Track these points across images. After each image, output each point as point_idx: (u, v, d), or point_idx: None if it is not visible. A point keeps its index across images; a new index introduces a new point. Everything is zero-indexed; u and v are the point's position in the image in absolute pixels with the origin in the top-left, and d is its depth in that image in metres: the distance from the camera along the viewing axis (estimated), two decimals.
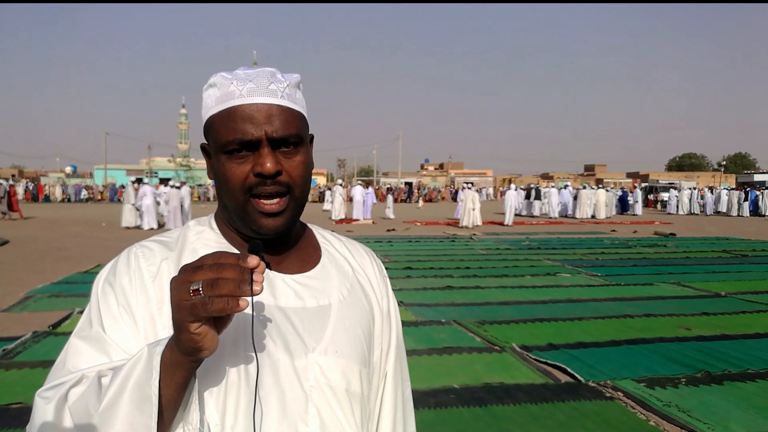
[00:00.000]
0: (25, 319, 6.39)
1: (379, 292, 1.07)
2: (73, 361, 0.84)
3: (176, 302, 0.70)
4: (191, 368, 0.75)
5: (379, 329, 1.05)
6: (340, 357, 0.93)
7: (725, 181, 62.22)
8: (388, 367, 1.07)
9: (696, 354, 5.19)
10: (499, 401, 4.07)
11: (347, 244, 1.10)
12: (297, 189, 0.90)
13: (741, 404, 4.06)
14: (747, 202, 30.91)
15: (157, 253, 0.93)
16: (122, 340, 0.85)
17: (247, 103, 0.87)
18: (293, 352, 0.89)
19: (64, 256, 11.51)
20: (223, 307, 0.67)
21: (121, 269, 0.91)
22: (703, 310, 6.95)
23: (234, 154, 0.87)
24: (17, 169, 77.58)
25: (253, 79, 0.88)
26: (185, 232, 0.98)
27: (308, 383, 0.89)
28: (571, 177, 77.17)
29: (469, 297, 7.65)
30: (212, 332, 0.71)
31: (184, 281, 0.70)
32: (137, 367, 0.74)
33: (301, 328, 0.91)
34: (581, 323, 6.29)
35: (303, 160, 0.91)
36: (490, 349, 5.31)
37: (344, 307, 0.98)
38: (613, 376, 4.59)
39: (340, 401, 0.92)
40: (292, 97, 0.91)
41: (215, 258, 0.70)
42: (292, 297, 0.93)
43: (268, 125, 0.86)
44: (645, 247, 14.23)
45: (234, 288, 0.68)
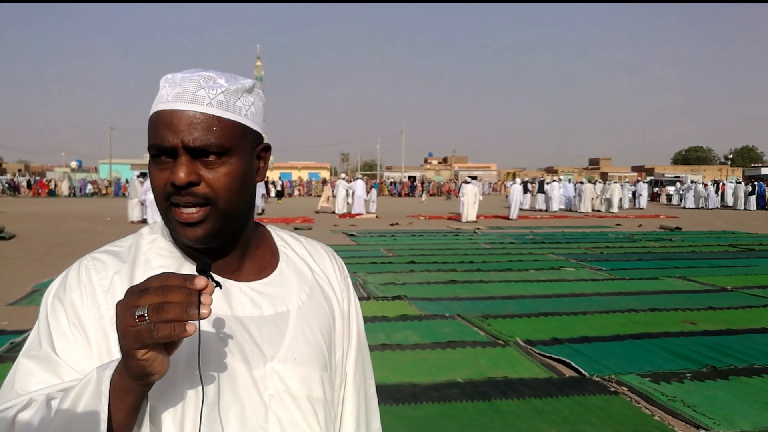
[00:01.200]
0: (32, 312, 6.43)
1: (339, 293, 1.06)
2: (22, 383, 0.81)
3: (122, 329, 0.68)
4: (142, 392, 0.73)
5: (339, 331, 1.04)
6: (299, 364, 0.92)
7: (732, 174, 61.89)
8: (348, 367, 1.07)
9: (701, 349, 5.17)
10: (503, 396, 4.07)
11: (306, 245, 1.08)
12: (220, 201, 0.86)
13: (747, 399, 4.05)
14: (754, 195, 30.71)
15: (110, 266, 0.90)
16: (74, 359, 0.82)
17: (169, 109, 0.84)
18: (251, 362, 0.88)
19: (70, 251, 11.56)
20: (169, 333, 0.65)
21: (72, 284, 0.88)
22: (708, 305, 6.92)
23: (156, 159, 0.86)
24: (23, 164, 77.94)
25: (183, 84, 0.85)
26: (138, 241, 0.95)
27: (267, 392, 0.88)
28: (576, 171, 76.91)
29: (472, 291, 7.64)
30: (161, 356, 0.69)
31: (129, 306, 0.67)
32: (86, 392, 0.72)
33: (259, 337, 0.90)
34: (585, 317, 6.27)
35: (228, 171, 0.86)
36: (493, 344, 5.30)
37: (303, 312, 0.96)
38: (618, 370, 4.58)
39: (302, 408, 0.91)
40: (224, 105, 0.85)
41: (161, 280, 0.68)
42: (249, 306, 0.92)
43: (187, 133, 0.83)
44: (650, 241, 14.17)
45: (180, 312, 0.66)
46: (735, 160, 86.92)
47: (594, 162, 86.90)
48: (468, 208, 19.93)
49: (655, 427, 3.62)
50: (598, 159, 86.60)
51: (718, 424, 3.64)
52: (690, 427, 3.62)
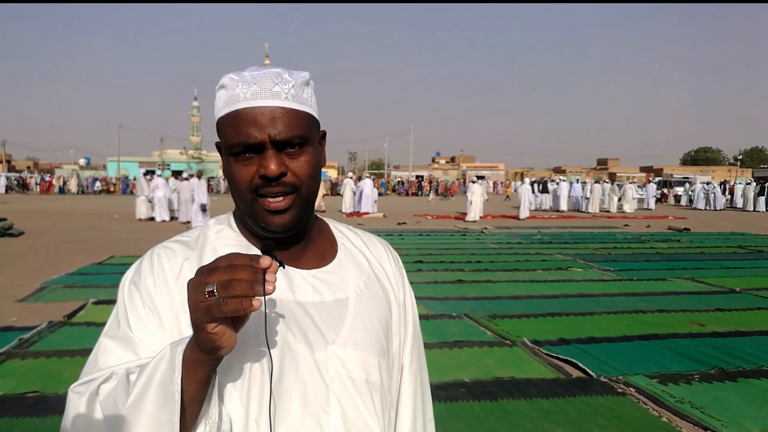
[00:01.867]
0: (41, 309, 6.48)
1: (395, 284, 1.09)
2: (104, 360, 0.88)
3: (192, 304, 0.73)
4: (212, 366, 0.78)
5: (396, 320, 1.07)
6: (359, 349, 0.95)
7: (741, 175, 61.43)
8: (405, 356, 1.10)
9: (710, 350, 5.14)
10: (510, 396, 4.06)
11: (363, 237, 1.12)
12: (303, 187, 0.92)
13: (755, 401, 4.03)
14: (763, 196, 30.46)
15: (179, 254, 0.96)
16: (149, 338, 0.88)
17: (250, 107, 0.88)
18: (313, 345, 0.92)
19: (79, 248, 11.63)
20: (236, 307, 0.70)
21: (145, 270, 0.94)
22: (717, 306, 6.88)
23: (240, 156, 0.90)
24: (32, 162, 78.46)
25: (258, 82, 0.89)
26: (205, 232, 1.01)
27: (329, 375, 0.92)
28: (584, 171, 76.59)
29: (480, 291, 7.63)
30: (229, 331, 0.73)
31: (200, 283, 0.72)
32: (160, 366, 0.77)
33: (320, 321, 0.94)
34: (593, 318, 6.25)
35: (309, 159, 0.92)
36: (501, 344, 5.29)
37: (361, 300, 1.00)
38: (625, 371, 4.57)
39: (361, 392, 0.94)
40: (297, 98, 0.91)
41: (229, 260, 0.73)
42: (310, 292, 0.96)
43: (272, 128, 0.88)
44: (658, 242, 14.10)
45: (247, 289, 0.70)
46: (744, 161, 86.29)
47: (602, 162, 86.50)
48: (475, 208, 20.03)
49: (663, 428, 3.60)
50: (606, 159, 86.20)
51: (726, 426, 3.62)
52: (698, 429, 3.60)
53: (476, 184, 20.52)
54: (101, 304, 6.60)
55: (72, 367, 4.50)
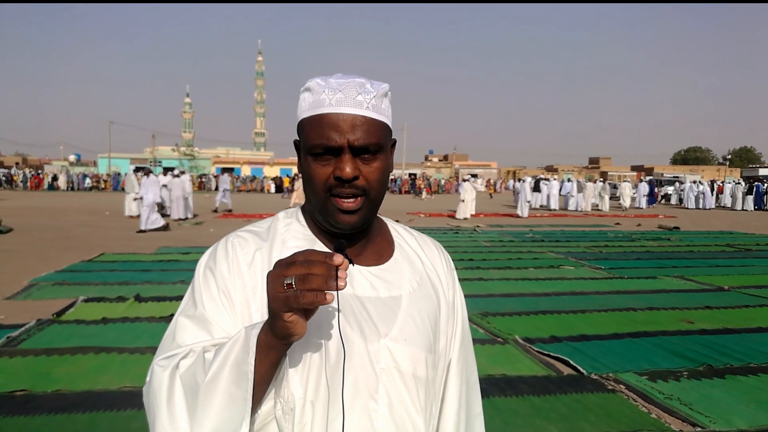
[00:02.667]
0: (29, 306, 6.42)
1: (446, 284, 1.16)
2: (181, 337, 0.96)
3: (272, 294, 0.79)
4: (283, 350, 0.86)
5: (444, 319, 1.13)
6: (408, 344, 1.01)
7: (730, 175, 61.93)
8: (452, 353, 1.15)
9: (698, 347, 5.18)
10: (502, 393, 4.08)
11: (418, 238, 1.19)
12: (372, 192, 0.99)
13: (743, 398, 4.07)
14: (752, 196, 30.70)
15: (251, 243, 1.03)
16: (222, 320, 0.96)
17: (334, 112, 0.95)
18: (367, 337, 0.98)
19: (69, 245, 11.55)
20: (312, 300, 0.76)
21: (220, 257, 1.01)
22: (706, 304, 6.94)
23: (319, 156, 0.96)
24: (21, 157, 77.74)
25: (343, 90, 0.96)
26: (275, 224, 1.08)
27: (379, 366, 0.98)
28: (576, 170, 76.91)
29: (472, 289, 7.64)
30: (302, 320, 0.80)
31: (279, 276, 0.79)
32: (236, 347, 0.85)
33: (375, 315, 1.00)
34: (584, 316, 6.29)
35: (380, 166, 0.99)
36: (493, 341, 5.31)
37: (413, 298, 1.06)
38: (616, 368, 4.60)
39: (407, 384, 1.00)
40: (377, 108, 0.98)
41: (306, 255, 0.79)
42: (368, 287, 1.03)
43: (351, 134, 0.94)
44: (649, 241, 14.19)
45: (322, 283, 0.76)
46: (733, 160, 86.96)
47: (594, 161, 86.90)
48: (466, 206, 20.14)
49: (652, 425, 3.63)
50: (598, 158, 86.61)
51: (714, 422, 3.66)
52: (686, 425, 3.63)
53: (467, 182, 20.71)
54: (91, 301, 6.56)
55: (61, 365, 4.47)
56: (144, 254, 10.39)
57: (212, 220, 18.11)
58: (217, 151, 74.88)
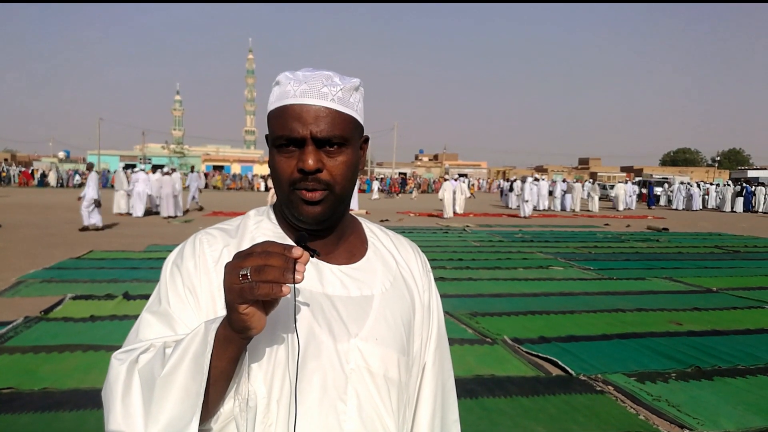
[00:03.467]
0: (17, 304, 6.36)
1: (421, 285, 1.13)
2: (144, 332, 0.95)
3: (227, 285, 0.78)
4: (242, 345, 0.84)
5: (419, 321, 1.10)
6: (380, 344, 0.99)
7: (719, 176, 62.45)
8: (427, 357, 1.13)
9: (687, 349, 5.22)
10: (491, 393, 4.08)
11: (393, 238, 1.17)
12: (337, 186, 0.96)
13: (731, 400, 4.10)
14: (741, 197, 30.97)
15: (220, 240, 1.02)
16: (186, 317, 0.95)
17: (297, 103, 0.94)
18: (336, 336, 0.96)
19: (57, 242, 11.44)
20: (267, 291, 0.74)
21: (188, 254, 1.00)
22: (694, 306, 6.99)
23: (282, 148, 0.95)
24: (10, 153, 76.96)
25: (308, 81, 0.95)
26: (245, 221, 1.06)
27: (349, 366, 0.96)
28: (566, 170, 77.25)
29: (461, 289, 7.66)
30: (259, 313, 0.78)
31: (235, 266, 0.77)
32: (195, 341, 0.83)
33: (345, 314, 0.98)
34: (573, 316, 6.31)
35: (346, 160, 0.97)
36: (481, 341, 5.32)
37: (386, 298, 1.04)
38: (604, 370, 4.62)
39: (378, 386, 0.98)
40: (343, 101, 0.96)
41: (264, 246, 0.78)
42: (338, 286, 1.01)
43: (314, 126, 0.93)
44: (638, 242, 14.28)
45: (278, 275, 0.75)
46: (722, 162, 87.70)
47: (584, 162, 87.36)
48: (448, 206, 20.49)
49: (641, 426, 3.65)
50: (587, 159, 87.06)
51: (702, 424, 3.68)
52: (674, 427, 3.66)
53: (448, 182, 21.04)
54: (79, 299, 6.50)
55: (48, 363, 4.43)
56: (133, 252, 10.32)
57: (201, 218, 18.02)
58: (207, 149, 74.48)
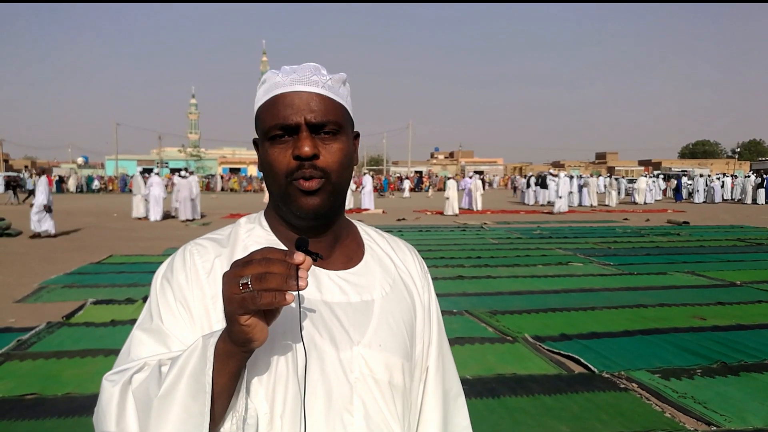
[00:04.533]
0: (39, 309, 6.45)
1: (420, 287, 1.11)
2: (136, 351, 0.90)
3: (227, 295, 0.74)
4: (243, 358, 0.79)
5: (420, 324, 1.08)
6: (383, 350, 0.96)
7: (739, 168, 61.43)
8: (430, 360, 1.10)
9: (711, 344, 5.12)
10: (512, 392, 4.04)
11: (390, 240, 1.14)
12: (333, 174, 0.94)
13: (758, 395, 4.01)
14: (762, 189, 30.43)
15: (211, 251, 0.98)
16: (179, 332, 0.90)
17: (289, 91, 0.93)
18: (339, 345, 0.93)
19: (77, 247, 11.59)
20: (270, 300, 0.71)
21: (178, 266, 0.96)
22: (718, 300, 6.87)
23: (276, 139, 0.93)
24: (30, 160, 78.26)
25: (297, 71, 0.95)
26: (236, 230, 1.03)
27: (353, 375, 0.93)
28: (582, 165, 76.55)
29: (480, 287, 7.61)
30: (261, 324, 0.75)
31: (235, 275, 0.73)
32: (193, 357, 0.78)
33: (346, 322, 0.95)
34: (594, 313, 6.24)
35: (341, 147, 0.95)
36: (502, 340, 5.28)
37: (387, 302, 1.01)
38: (627, 366, 4.55)
39: (383, 393, 0.95)
40: (333, 89, 0.95)
41: (264, 253, 0.74)
42: (337, 292, 0.97)
43: (308, 111, 0.91)
44: (658, 236, 14.09)
45: (281, 282, 0.71)
46: (742, 153, 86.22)
47: (600, 156, 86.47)
48: (451, 203, 20.82)
49: (666, 423, 3.59)
50: (604, 153, 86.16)
51: (730, 420, 3.61)
52: (701, 424, 3.58)
53: (451, 180, 21.73)
54: (100, 304, 6.57)
55: (71, 368, 4.48)
56: (152, 255, 10.41)
57: (219, 221, 18.14)
58: (223, 152, 75.06)
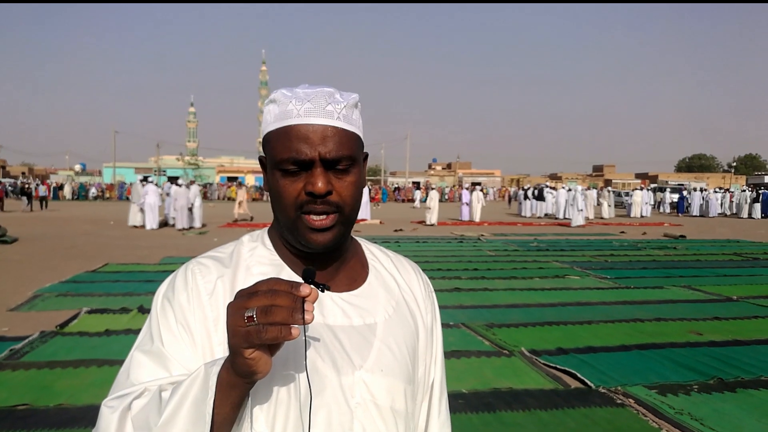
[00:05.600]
0: (33, 318, 6.40)
1: (424, 308, 1.08)
2: (136, 374, 0.88)
3: (232, 328, 0.72)
4: (245, 389, 0.78)
5: (423, 345, 1.06)
6: (385, 375, 0.94)
7: (735, 182, 61.66)
8: (436, 384, 1.09)
9: (708, 360, 5.11)
10: (509, 407, 4.02)
11: (394, 260, 1.11)
12: (347, 208, 0.92)
13: (755, 412, 3.99)
14: (759, 203, 30.51)
15: (213, 271, 0.95)
16: (180, 355, 0.88)
17: (303, 123, 0.89)
18: (340, 370, 0.91)
19: (73, 255, 11.55)
20: (276, 335, 0.70)
21: (179, 286, 0.94)
22: (714, 315, 6.87)
23: (288, 171, 0.90)
24: (27, 167, 78.15)
25: (311, 99, 0.90)
26: (239, 248, 1.00)
27: (354, 400, 0.91)
28: (580, 177, 76.77)
29: (477, 299, 7.59)
30: (266, 356, 0.73)
31: (240, 307, 0.72)
32: (195, 386, 0.77)
33: (348, 346, 0.93)
34: (591, 327, 6.22)
35: (354, 180, 0.92)
36: (498, 353, 5.25)
37: (389, 325, 0.99)
38: (624, 382, 4.53)
39: (385, 419, 0.93)
40: (348, 119, 0.92)
41: (270, 285, 0.72)
42: (340, 315, 0.95)
43: (322, 146, 0.88)
44: (655, 249, 14.10)
45: (287, 316, 0.70)
46: (738, 167, 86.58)
47: (598, 168, 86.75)
48: (432, 212, 21.39)
49: None
50: (602, 166, 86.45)
51: None
52: None
53: (434, 190, 22.66)
54: (95, 313, 6.53)
55: (64, 378, 4.44)
56: (148, 264, 10.37)
57: (216, 230, 18.10)
58: (221, 160, 75.09)
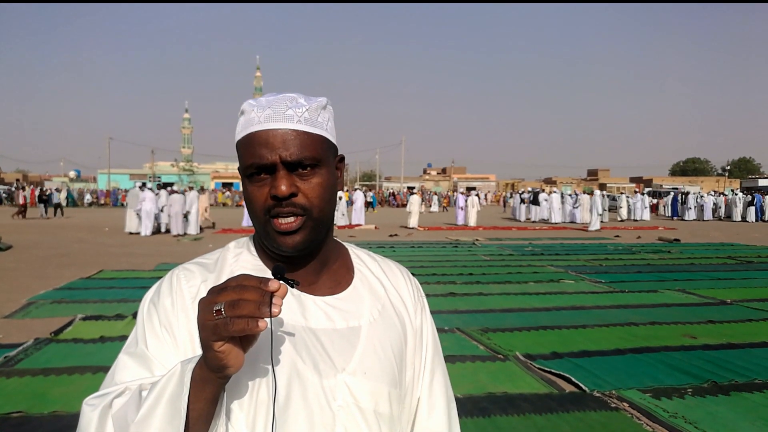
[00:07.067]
0: (27, 325, 6.38)
1: (413, 311, 1.09)
2: (120, 375, 0.90)
3: (201, 322, 0.75)
4: (219, 384, 0.80)
5: (411, 349, 1.06)
6: (369, 378, 0.95)
7: (729, 185, 61.96)
8: (423, 388, 1.08)
9: (702, 363, 5.13)
10: (503, 412, 4.03)
11: (382, 264, 1.12)
12: (314, 210, 0.93)
13: (748, 416, 4.01)
14: (753, 207, 30.67)
15: (198, 276, 0.98)
16: (163, 356, 0.91)
17: (263, 129, 0.91)
18: (322, 372, 0.92)
19: (67, 262, 11.50)
20: (242, 327, 0.71)
21: (165, 291, 0.96)
22: (708, 318, 6.90)
23: (254, 177, 0.92)
24: (21, 174, 77.84)
25: (272, 106, 0.92)
26: (224, 255, 1.03)
27: (336, 403, 0.92)
28: (575, 182, 77.00)
29: (472, 304, 7.61)
30: (236, 350, 0.75)
31: (209, 302, 0.74)
32: (171, 383, 0.79)
33: (331, 348, 0.94)
34: (585, 331, 6.24)
35: (321, 181, 0.93)
36: (493, 358, 5.26)
37: (374, 328, 1.00)
38: (619, 385, 4.55)
39: (368, 422, 0.93)
40: (310, 121, 0.93)
41: (239, 280, 0.75)
42: (323, 318, 0.96)
43: (283, 149, 0.90)
44: (649, 253, 14.15)
45: (254, 309, 0.71)
46: (732, 171, 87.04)
47: (592, 173, 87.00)
48: (412, 216, 21.94)
49: None
50: (596, 170, 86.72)
51: None
52: None
53: (415, 195, 22.86)
54: (89, 320, 6.51)
55: (59, 385, 4.42)
56: (143, 271, 10.35)
57: (211, 236, 18.07)
58: (216, 166, 75.00)
